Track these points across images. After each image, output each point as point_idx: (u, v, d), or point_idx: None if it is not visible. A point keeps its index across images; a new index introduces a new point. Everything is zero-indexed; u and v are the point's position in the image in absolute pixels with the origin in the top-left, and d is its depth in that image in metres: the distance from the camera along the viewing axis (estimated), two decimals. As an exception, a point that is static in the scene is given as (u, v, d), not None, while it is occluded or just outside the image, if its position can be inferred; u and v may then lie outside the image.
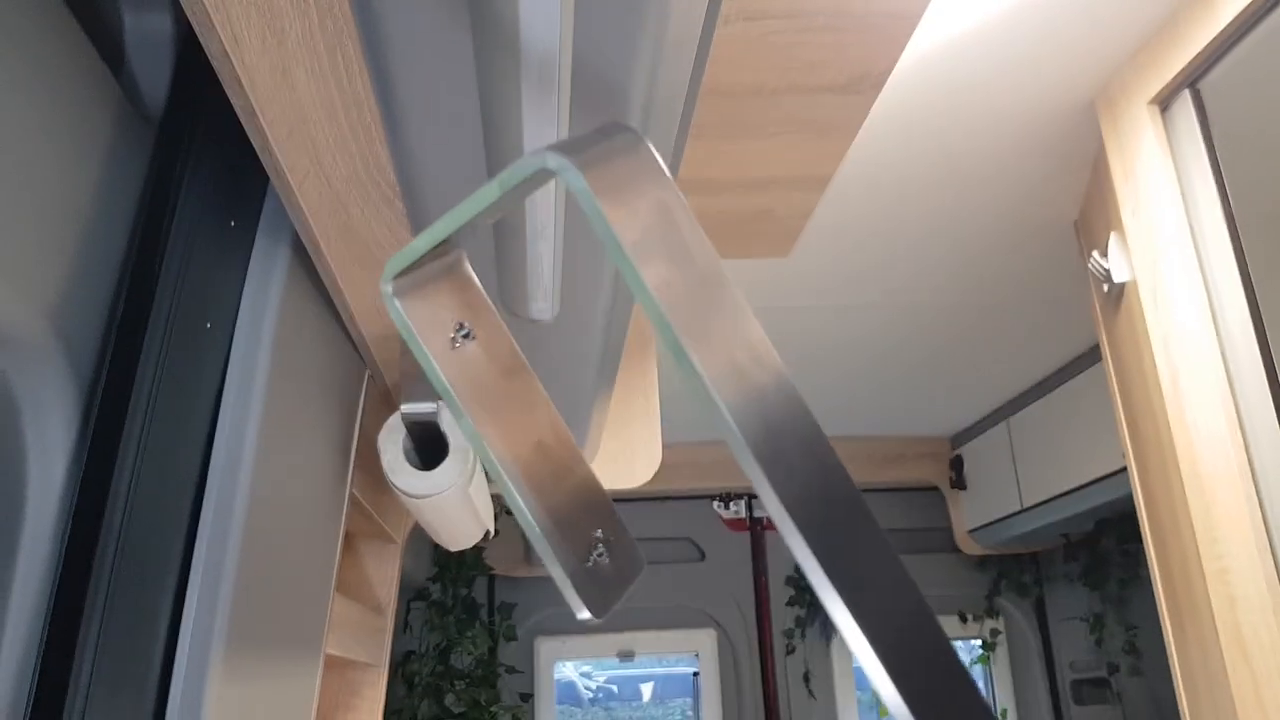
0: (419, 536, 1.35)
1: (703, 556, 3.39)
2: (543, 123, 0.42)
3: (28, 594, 0.53)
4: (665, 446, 1.25)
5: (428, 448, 0.93)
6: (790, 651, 3.33)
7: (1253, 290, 1.09)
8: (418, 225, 0.59)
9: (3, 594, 0.53)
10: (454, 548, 1.18)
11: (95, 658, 0.54)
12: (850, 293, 2.00)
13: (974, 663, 3.47)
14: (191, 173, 0.65)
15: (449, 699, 2.89)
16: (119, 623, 0.56)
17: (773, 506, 0.22)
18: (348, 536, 1.15)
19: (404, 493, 0.90)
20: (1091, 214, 1.46)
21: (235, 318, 0.70)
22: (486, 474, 1.21)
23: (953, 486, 3.19)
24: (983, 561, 3.40)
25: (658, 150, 0.25)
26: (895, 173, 1.48)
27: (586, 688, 3.81)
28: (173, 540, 0.63)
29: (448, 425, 0.91)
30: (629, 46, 0.42)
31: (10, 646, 0.52)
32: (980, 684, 3.44)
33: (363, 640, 1.16)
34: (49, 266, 0.54)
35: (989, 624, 3.42)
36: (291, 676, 0.83)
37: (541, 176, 0.25)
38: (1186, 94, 1.15)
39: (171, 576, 0.63)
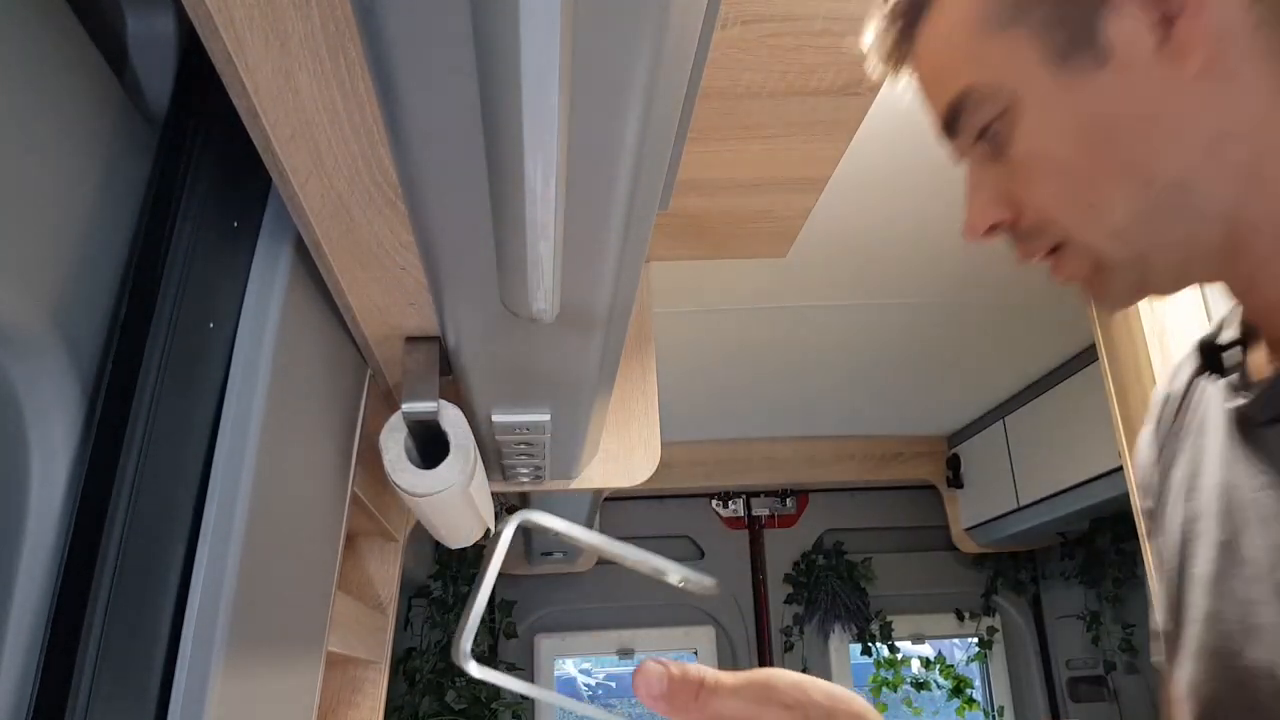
0: (420, 534, 1.35)
1: (701, 554, 3.39)
2: (542, 124, 0.42)
3: (30, 592, 0.54)
4: (664, 445, 1.26)
5: (429, 446, 0.93)
6: (788, 649, 3.34)
7: (1248, 290, 1.09)
8: (419, 227, 0.59)
9: (5, 592, 0.53)
10: (455, 545, 1.18)
11: (98, 656, 0.54)
12: (847, 293, 2.01)
13: (970, 660, 3.47)
14: (194, 174, 0.66)
15: (450, 695, 2.89)
16: (121, 621, 0.56)
17: None
18: (349, 535, 1.16)
19: (405, 491, 0.91)
20: (1088, 213, 1.46)
21: (238, 318, 0.71)
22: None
23: (949, 485, 3.19)
24: (979, 559, 3.40)
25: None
26: (892, 173, 1.49)
27: (586, 684, 3.81)
28: (175, 539, 0.63)
29: (449, 423, 0.91)
30: (628, 48, 0.42)
31: (13, 645, 0.53)
32: (977, 682, 3.45)
33: (364, 638, 1.17)
34: (52, 267, 0.54)
35: (985, 622, 3.43)
36: (293, 674, 0.83)
37: None
38: (1183, 94, 1.15)
39: (174, 575, 0.63)
